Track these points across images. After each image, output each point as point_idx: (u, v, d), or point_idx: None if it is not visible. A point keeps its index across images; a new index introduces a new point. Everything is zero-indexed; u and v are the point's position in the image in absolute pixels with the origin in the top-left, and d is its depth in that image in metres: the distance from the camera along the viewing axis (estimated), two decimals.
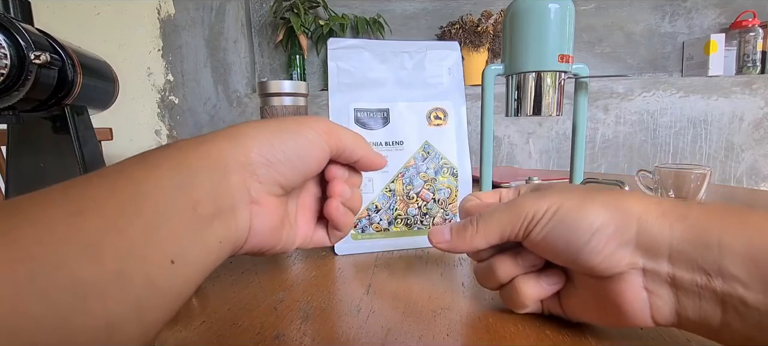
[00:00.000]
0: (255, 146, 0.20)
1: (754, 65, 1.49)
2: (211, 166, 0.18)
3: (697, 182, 0.52)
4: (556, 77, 0.48)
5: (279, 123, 0.22)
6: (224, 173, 0.19)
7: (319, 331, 0.25)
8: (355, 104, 0.41)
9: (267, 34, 1.71)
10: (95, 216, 0.14)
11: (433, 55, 0.44)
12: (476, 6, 1.64)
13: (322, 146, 0.23)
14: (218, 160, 0.19)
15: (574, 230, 0.20)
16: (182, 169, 0.18)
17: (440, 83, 0.44)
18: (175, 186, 0.17)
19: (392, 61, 0.43)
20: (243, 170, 0.20)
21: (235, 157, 0.19)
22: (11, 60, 0.34)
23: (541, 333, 0.24)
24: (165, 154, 0.18)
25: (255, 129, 0.21)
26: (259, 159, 0.20)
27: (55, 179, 0.43)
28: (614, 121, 1.50)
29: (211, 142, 0.19)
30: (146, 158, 0.18)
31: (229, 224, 0.19)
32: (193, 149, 0.18)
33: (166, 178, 0.17)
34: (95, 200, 0.15)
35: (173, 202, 0.16)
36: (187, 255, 0.16)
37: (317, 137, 0.23)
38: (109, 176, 0.16)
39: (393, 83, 0.43)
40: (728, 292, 0.17)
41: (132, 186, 0.16)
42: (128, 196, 0.15)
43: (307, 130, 0.22)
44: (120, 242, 0.14)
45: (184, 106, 1.62)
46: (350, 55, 0.42)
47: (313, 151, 0.23)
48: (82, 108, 0.47)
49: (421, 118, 0.42)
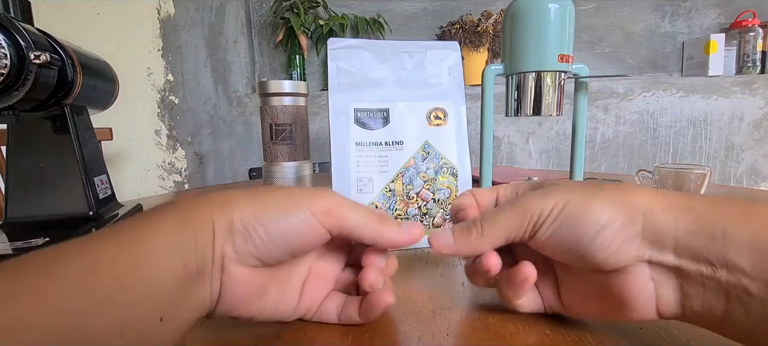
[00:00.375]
0: (238, 215, 0.20)
1: (754, 65, 1.49)
2: (202, 230, 0.19)
3: (697, 182, 0.52)
4: (556, 77, 0.48)
5: (271, 196, 0.22)
6: (210, 237, 0.20)
7: (319, 331, 0.25)
8: (355, 104, 0.41)
9: (267, 34, 1.71)
10: (107, 273, 0.16)
11: (433, 55, 0.44)
12: (476, 6, 1.64)
13: (315, 229, 0.21)
14: (208, 224, 0.20)
15: (581, 226, 0.20)
16: (180, 231, 0.19)
17: (440, 83, 0.44)
18: (173, 247, 0.18)
19: (392, 61, 0.43)
20: (224, 236, 0.20)
21: (221, 223, 0.20)
22: (11, 60, 0.34)
23: (542, 333, 0.24)
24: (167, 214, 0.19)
25: (245, 197, 0.21)
26: (239, 228, 0.20)
27: (55, 179, 0.44)
28: (614, 121, 1.50)
29: (206, 205, 0.20)
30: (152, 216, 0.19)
31: (205, 285, 0.19)
32: (189, 213, 0.20)
33: (166, 239, 0.18)
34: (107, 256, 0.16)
35: (170, 263, 0.18)
36: (173, 313, 0.18)
37: (310, 219, 0.21)
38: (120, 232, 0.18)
39: (393, 83, 0.43)
40: (733, 282, 0.18)
41: (137, 245, 0.17)
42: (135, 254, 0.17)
43: (299, 210, 0.21)
44: (125, 298, 0.16)
45: (184, 106, 1.62)
46: (350, 55, 0.42)
47: (302, 232, 0.21)
48: (82, 108, 0.47)
49: (421, 118, 0.42)
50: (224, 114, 1.63)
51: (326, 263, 0.26)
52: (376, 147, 0.41)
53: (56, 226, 0.42)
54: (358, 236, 0.23)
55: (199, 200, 0.21)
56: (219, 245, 0.20)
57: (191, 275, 0.18)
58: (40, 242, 0.37)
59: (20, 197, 0.43)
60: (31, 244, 0.36)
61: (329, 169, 0.42)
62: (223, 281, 0.20)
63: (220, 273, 0.20)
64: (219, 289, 0.20)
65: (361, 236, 0.23)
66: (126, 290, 0.16)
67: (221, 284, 0.20)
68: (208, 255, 0.19)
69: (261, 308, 0.22)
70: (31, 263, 0.15)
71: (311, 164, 0.59)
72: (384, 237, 0.23)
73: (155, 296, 0.17)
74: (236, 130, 1.63)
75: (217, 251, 0.20)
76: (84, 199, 0.44)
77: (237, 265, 0.20)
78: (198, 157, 1.65)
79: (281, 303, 0.23)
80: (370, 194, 0.40)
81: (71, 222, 0.43)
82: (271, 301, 0.23)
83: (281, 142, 0.54)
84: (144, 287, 0.16)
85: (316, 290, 0.25)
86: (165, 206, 0.20)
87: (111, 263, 0.16)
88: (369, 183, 0.41)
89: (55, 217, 0.43)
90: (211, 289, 0.20)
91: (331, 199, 0.22)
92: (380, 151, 0.41)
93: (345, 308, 0.25)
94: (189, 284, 0.18)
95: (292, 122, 0.54)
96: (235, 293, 0.21)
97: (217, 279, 0.20)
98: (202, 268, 0.19)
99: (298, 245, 0.22)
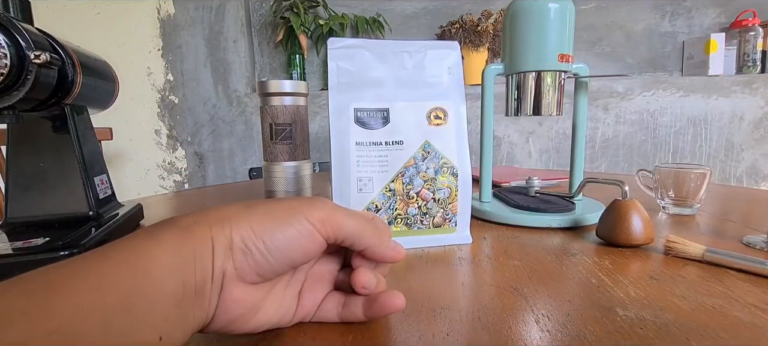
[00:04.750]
0: (236, 232, 0.20)
1: (754, 64, 1.49)
2: (202, 249, 0.19)
3: (697, 182, 0.52)
4: (556, 77, 0.48)
5: (269, 209, 0.21)
6: (210, 256, 0.19)
7: (319, 331, 0.25)
8: (355, 104, 0.41)
9: (267, 34, 1.71)
10: (111, 293, 0.16)
11: (433, 55, 0.44)
12: (476, 5, 1.64)
13: (314, 238, 0.22)
14: (207, 242, 0.20)
15: None
16: (179, 249, 0.19)
17: (440, 83, 0.44)
18: (173, 266, 0.18)
19: (392, 60, 0.43)
20: (223, 255, 0.20)
21: (220, 241, 0.20)
22: (11, 60, 0.34)
23: (542, 332, 0.24)
24: (165, 232, 0.19)
25: (242, 213, 0.21)
26: (239, 245, 0.20)
27: (55, 179, 0.44)
28: (614, 120, 1.50)
29: (204, 223, 0.20)
30: (151, 234, 0.19)
31: (203, 304, 0.19)
32: (188, 232, 0.19)
33: (165, 258, 0.18)
34: (112, 276, 0.17)
35: (170, 282, 0.18)
36: (171, 332, 0.18)
37: (309, 229, 0.21)
38: (122, 251, 0.18)
39: (393, 83, 0.43)
40: None
41: (140, 263, 0.17)
42: (139, 273, 0.17)
43: (297, 221, 0.21)
44: (127, 320, 0.16)
45: (184, 105, 1.62)
46: (350, 54, 0.42)
47: (301, 243, 0.21)
48: (82, 108, 0.47)
49: (421, 117, 0.42)
50: (224, 114, 1.62)
51: (323, 266, 0.26)
52: (376, 147, 0.41)
53: (56, 226, 0.42)
54: (354, 243, 0.23)
55: (196, 218, 0.20)
56: (219, 264, 0.20)
57: (189, 295, 0.18)
58: (40, 242, 0.37)
59: (20, 197, 0.43)
60: (31, 244, 0.36)
61: (329, 169, 0.42)
62: (220, 299, 0.20)
63: (219, 291, 0.20)
64: (215, 308, 0.20)
65: (356, 243, 0.23)
66: (128, 311, 0.16)
67: (218, 303, 0.20)
68: (207, 274, 0.19)
69: (255, 325, 0.22)
70: (41, 279, 0.16)
71: (311, 164, 0.59)
72: (375, 247, 0.24)
73: (155, 315, 0.17)
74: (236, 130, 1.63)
75: (216, 270, 0.20)
76: (84, 199, 0.44)
77: (236, 283, 0.20)
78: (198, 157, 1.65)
79: (278, 315, 0.23)
80: (370, 193, 0.40)
81: (71, 222, 0.43)
82: (267, 315, 0.23)
83: (281, 142, 0.54)
84: (145, 307, 0.17)
85: (313, 294, 0.25)
86: (163, 224, 0.20)
87: (115, 283, 0.16)
88: (369, 183, 0.41)
89: (55, 217, 0.43)
90: (208, 307, 0.20)
91: (327, 208, 0.22)
92: (380, 150, 0.41)
93: (347, 306, 0.25)
94: (187, 303, 0.18)
95: (292, 122, 0.54)
96: (230, 311, 0.21)
97: (216, 297, 0.20)
98: (202, 287, 0.19)
99: (297, 256, 0.22)
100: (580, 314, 0.26)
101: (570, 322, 0.25)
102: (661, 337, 0.23)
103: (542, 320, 0.25)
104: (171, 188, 1.66)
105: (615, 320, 0.25)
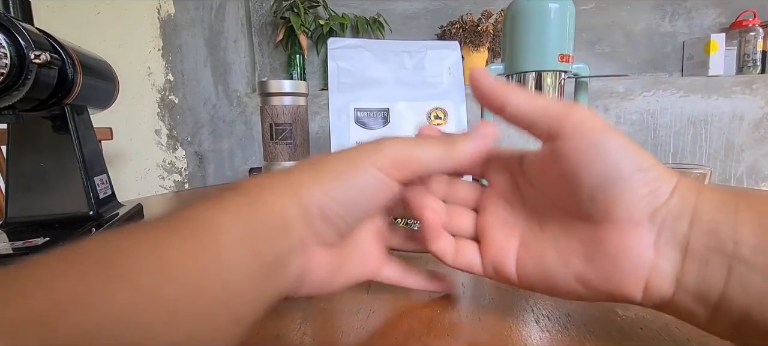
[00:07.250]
0: (314, 199, 0.19)
1: (754, 65, 1.49)
2: (274, 222, 0.18)
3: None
4: (557, 77, 0.48)
5: (336, 166, 0.20)
6: (285, 229, 0.18)
7: (319, 331, 0.25)
8: (355, 104, 0.41)
9: (267, 34, 1.71)
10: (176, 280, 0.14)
11: (433, 55, 0.44)
12: (476, 6, 1.64)
13: (385, 187, 0.20)
14: (280, 214, 0.18)
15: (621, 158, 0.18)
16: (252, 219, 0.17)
17: (440, 83, 0.44)
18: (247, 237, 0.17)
19: (392, 60, 0.43)
20: (302, 225, 0.19)
21: (296, 213, 0.19)
22: (11, 59, 0.34)
23: (542, 332, 0.24)
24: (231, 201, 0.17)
25: (313, 177, 0.19)
26: (317, 213, 0.19)
27: (55, 179, 0.44)
28: (614, 120, 1.50)
29: (271, 192, 0.19)
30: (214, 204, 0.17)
31: (282, 274, 0.18)
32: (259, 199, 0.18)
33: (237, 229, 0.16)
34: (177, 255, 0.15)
35: (245, 256, 0.16)
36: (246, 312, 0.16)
37: (379, 177, 0.20)
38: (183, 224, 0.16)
39: (393, 83, 0.43)
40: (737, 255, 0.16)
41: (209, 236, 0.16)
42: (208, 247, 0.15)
43: (365, 172, 0.20)
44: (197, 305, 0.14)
45: (184, 105, 1.62)
46: (350, 54, 0.42)
47: (371, 194, 0.20)
48: (82, 108, 0.47)
49: (421, 117, 0.42)
50: (224, 114, 1.62)
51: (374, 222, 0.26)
52: None
53: (56, 226, 0.42)
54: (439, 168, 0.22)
55: (261, 182, 0.19)
56: (297, 233, 0.19)
57: (266, 268, 0.17)
58: (40, 242, 0.37)
59: (20, 196, 0.43)
60: (31, 244, 0.36)
61: None
62: (303, 267, 0.20)
63: (301, 259, 0.19)
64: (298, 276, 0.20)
65: (436, 170, 0.22)
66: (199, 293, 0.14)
67: (302, 271, 0.20)
68: (284, 244, 0.18)
69: (341, 284, 0.23)
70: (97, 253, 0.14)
71: None
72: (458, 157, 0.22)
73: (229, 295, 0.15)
74: (236, 130, 1.63)
75: (294, 239, 0.19)
76: (84, 199, 0.44)
77: (316, 248, 0.20)
78: (198, 157, 1.65)
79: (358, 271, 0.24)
80: None
81: (71, 222, 0.43)
82: (349, 273, 0.23)
83: (281, 142, 0.54)
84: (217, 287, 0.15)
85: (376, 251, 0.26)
86: (226, 191, 0.18)
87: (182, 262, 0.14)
88: None
89: (55, 217, 0.43)
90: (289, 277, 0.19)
91: (395, 147, 0.21)
92: None
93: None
94: (264, 277, 0.17)
95: (292, 122, 0.54)
96: (315, 277, 0.20)
97: (297, 266, 0.19)
98: (280, 258, 0.18)
99: (370, 206, 0.21)
100: (581, 314, 0.26)
101: (570, 322, 0.25)
102: (661, 337, 0.23)
103: (542, 320, 0.25)
104: (171, 188, 1.66)
105: (615, 320, 0.25)
